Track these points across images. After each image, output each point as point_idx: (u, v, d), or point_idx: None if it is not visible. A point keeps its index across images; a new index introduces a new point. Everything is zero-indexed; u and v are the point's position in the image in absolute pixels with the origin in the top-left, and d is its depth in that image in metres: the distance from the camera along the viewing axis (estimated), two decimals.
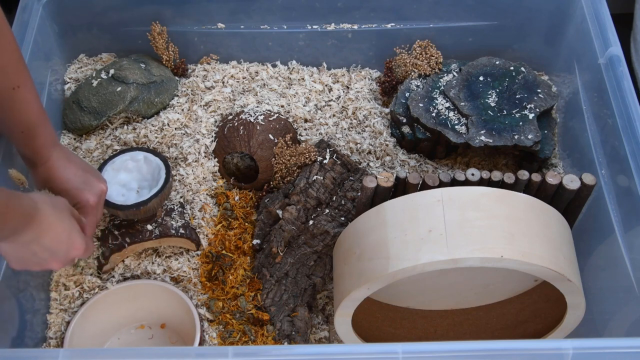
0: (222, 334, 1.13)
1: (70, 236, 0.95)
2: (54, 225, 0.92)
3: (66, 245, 0.95)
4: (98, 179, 1.06)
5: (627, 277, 1.02)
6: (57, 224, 0.93)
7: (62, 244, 0.94)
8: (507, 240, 0.90)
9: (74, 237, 0.96)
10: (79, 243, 0.97)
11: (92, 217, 1.04)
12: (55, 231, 0.93)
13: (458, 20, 1.34)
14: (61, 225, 0.94)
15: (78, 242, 0.97)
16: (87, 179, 1.05)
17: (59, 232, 0.93)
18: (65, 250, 0.95)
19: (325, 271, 1.16)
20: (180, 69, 1.37)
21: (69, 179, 1.03)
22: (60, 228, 0.94)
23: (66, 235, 0.94)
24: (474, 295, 1.12)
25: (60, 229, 0.93)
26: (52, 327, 1.14)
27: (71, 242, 0.95)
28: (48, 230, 0.91)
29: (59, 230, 0.93)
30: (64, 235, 0.94)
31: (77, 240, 0.97)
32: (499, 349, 0.85)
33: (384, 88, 1.36)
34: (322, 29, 1.37)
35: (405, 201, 0.96)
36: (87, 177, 1.05)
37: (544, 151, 1.22)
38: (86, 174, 1.06)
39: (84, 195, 1.03)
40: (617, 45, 1.16)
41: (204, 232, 1.20)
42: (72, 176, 1.04)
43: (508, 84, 1.25)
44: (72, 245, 0.96)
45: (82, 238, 0.98)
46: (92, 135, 1.29)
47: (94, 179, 1.06)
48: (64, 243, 0.94)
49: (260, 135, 1.22)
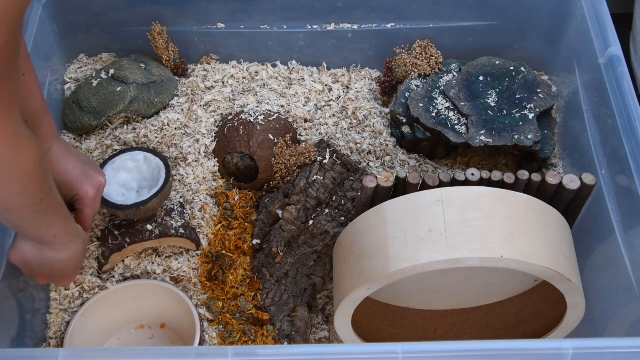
0: (222, 334, 1.13)
1: (73, 271, 1.03)
2: (72, 261, 1.00)
3: (64, 274, 1.02)
4: (97, 172, 1.08)
5: (627, 277, 1.02)
6: (75, 262, 1.01)
7: (63, 273, 1.02)
8: (507, 240, 0.90)
9: (74, 275, 1.05)
10: (72, 279, 1.05)
11: (90, 209, 1.06)
12: (69, 264, 1.00)
13: (458, 20, 1.34)
14: (77, 265, 1.02)
15: (72, 278, 1.05)
16: (86, 172, 1.06)
17: (69, 268, 1.01)
18: (60, 277, 1.03)
19: (325, 271, 1.16)
20: (180, 69, 1.37)
21: (69, 171, 1.05)
22: (74, 267, 1.02)
23: (72, 269, 1.02)
24: (474, 295, 1.12)
25: (72, 267, 1.02)
26: (52, 327, 1.14)
27: (69, 275, 1.03)
28: (66, 261, 0.99)
29: (70, 267, 1.01)
30: (71, 268, 1.02)
31: (73, 278, 1.06)
32: (499, 349, 0.85)
33: (384, 88, 1.36)
34: (322, 29, 1.37)
35: (405, 201, 0.96)
36: (86, 170, 1.06)
37: (544, 151, 1.22)
38: (85, 167, 1.07)
39: (83, 188, 1.05)
40: (617, 45, 1.15)
41: (204, 232, 1.20)
42: (72, 168, 1.05)
43: (508, 84, 1.25)
44: (66, 277, 1.04)
45: (75, 278, 1.07)
46: (92, 135, 1.29)
47: (93, 171, 1.07)
48: (66, 273, 1.02)
49: (260, 135, 1.22)
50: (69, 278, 1.04)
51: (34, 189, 0.83)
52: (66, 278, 1.04)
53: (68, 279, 1.04)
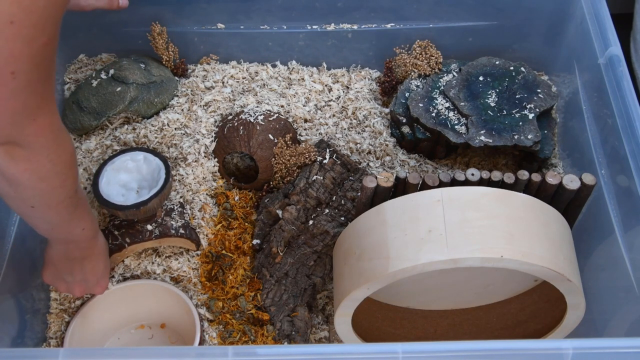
0: (222, 334, 1.13)
1: (104, 273, 1.07)
2: (100, 257, 1.05)
3: (97, 279, 1.06)
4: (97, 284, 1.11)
5: (627, 277, 1.02)
6: (102, 257, 1.06)
7: (95, 276, 1.05)
8: (507, 240, 0.90)
9: (106, 276, 1.08)
10: (105, 283, 1.09)
11: None
12: (98, 262, 1.05)
13: (458, 20, 1.34)
14: (104, 261, 1.06)
15: (105, 282, 1.09)
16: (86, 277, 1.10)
17: (100, 264, 1.05)
18: (94, 283, 1.07)
19: (325, 271, 1.16)
20: (180, 69, 1.37)
21: None
22: (103, 263, 1.06)
23: (102, 270, 1.06)
24: (474, 295, 1.12)
25: (102, 263, 1.06)
26: (52, 327, 1.14)
27: (101, 279, 1.07)
28: (94, 258, 1.03)
29: (101, 263, 1.05)
30: (101, 269, 1.06)
31: (106, 280, 1.09)
32: (499, 349, 0.85)
33: (383, 88, 1.36)
34: (322, 29, 1.36)
35: (405, 201, 0.96)
36: None
37: (544, 151, 1.22)
38: None
39: None
40: (617, 45, 1.15)
41: (204, 232, 1.20)
42: None
43: (508, 84, 1.25)
44: (100, 282, 1.07)
45: (108, 281, 1.10)
46: (91, 135, 1.29)
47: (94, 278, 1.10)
48: (98, 276, 1.06)
49: (260, 135, 1.22)
50: (102, 282, 1.07)
51: (71, 181, 0.87)
52: (99, 282, 1.07)
53: (101, 282, 1.07)
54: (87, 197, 1.22)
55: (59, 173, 0.83)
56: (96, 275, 1.05)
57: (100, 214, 1.20)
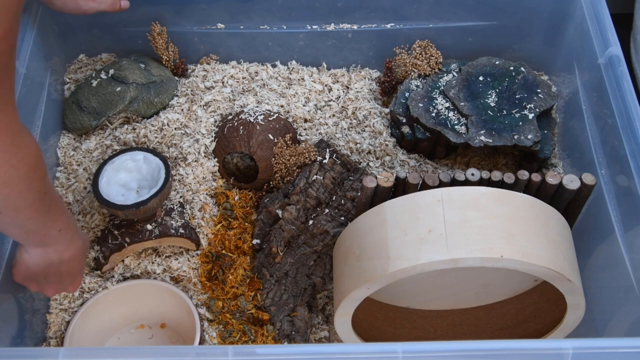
0: (222, 334, 1.13)
1: (79, 272, 1.03)
2: (78, 257, 0.99)
3: (73, 278, 1.02)
4: None
5: (627, 277, 1.02)
6: (80, 257, 1.00)
7: (71, 276, 1.01)
8: (507, 240, 0.90)
9: (80, 274, 1.04)
10: (79, 282, 1.04)
11: None
12: (75, 262, 0.99)
13: (458, 20, 1.34)
14: (82, 260, 1.01)
15: (79, 281, 1.04)
16: None
17: (76, 265, 1.00)
18: (69, 283, 1.02)
19: (325, 271, 1.16)
20: (180, 69, 1.37)
21: None
22: (80, 263, 1.01)
23: (78, 270, 1.01)
24: (474, 295, 1.12)
25: (79, 263, 1.01)
26: (52, 327, 1.14)
27: (76, 278, 1.03)
28: (72, 259, 0.98)
29: (78, 264, 1.00)
30: (77, 269, 1.01)
31: (80, 278, 1.04)
32: (499, 349, 0.85)
33: (383, 88, 1.36)
34: (322, 29, 1.37)
35: (405, 201, 0.96)
36: None
37: (544, 151, 1.22)
38: None
39: None
40: (617, 45, 1.15)
41: (204, 232, 1.20)
42: None
43: (508, 84, 1.25)
44: (74, 281, 1.03)
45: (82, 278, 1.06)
46: (91, 135, 1.29)
47: None
48: (73, 276, 1.01)
49: (260, 135, 1.22)
50: (76, 281, 1.03)
51: (38, 183, 0.81)
52: (73, 282, 1.02)
53: (75, 282, 1.03)
54: (87, 197, 1.22)
55: (24, 177, 0.78)
56: (72, 275, 1.01)
57: (100, 214, 1.20)
